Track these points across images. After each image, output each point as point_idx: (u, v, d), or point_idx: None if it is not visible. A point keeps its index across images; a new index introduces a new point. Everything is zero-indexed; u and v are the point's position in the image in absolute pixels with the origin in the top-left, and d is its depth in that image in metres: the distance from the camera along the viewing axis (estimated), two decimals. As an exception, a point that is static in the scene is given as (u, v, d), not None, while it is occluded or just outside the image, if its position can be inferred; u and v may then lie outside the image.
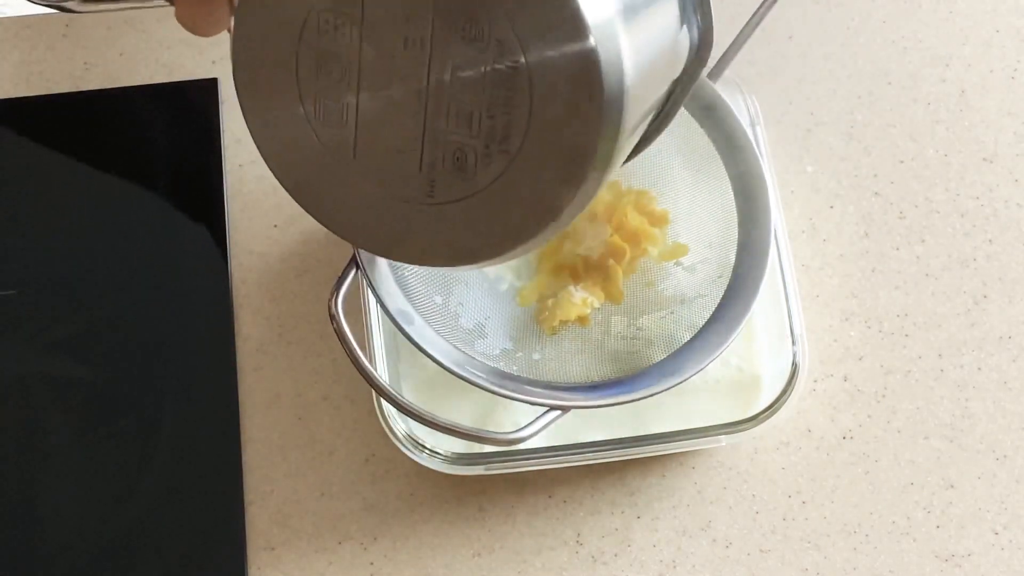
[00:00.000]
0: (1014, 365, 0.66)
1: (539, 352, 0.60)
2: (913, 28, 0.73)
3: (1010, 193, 0.70)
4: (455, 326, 0.59)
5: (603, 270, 0.61)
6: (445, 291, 0.59)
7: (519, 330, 0.61)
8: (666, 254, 0.62)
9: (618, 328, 0.61)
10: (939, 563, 0.63)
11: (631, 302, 0.61)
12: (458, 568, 0.63)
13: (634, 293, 0.61)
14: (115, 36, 0.72)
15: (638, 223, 0.61)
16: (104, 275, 0.68)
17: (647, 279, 0.62)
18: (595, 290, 0.61)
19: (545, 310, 0.61)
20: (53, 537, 0.62)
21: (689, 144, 0.61)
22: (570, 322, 0.60)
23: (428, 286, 0.58)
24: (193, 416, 0.65)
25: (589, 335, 0.60)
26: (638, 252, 0.62)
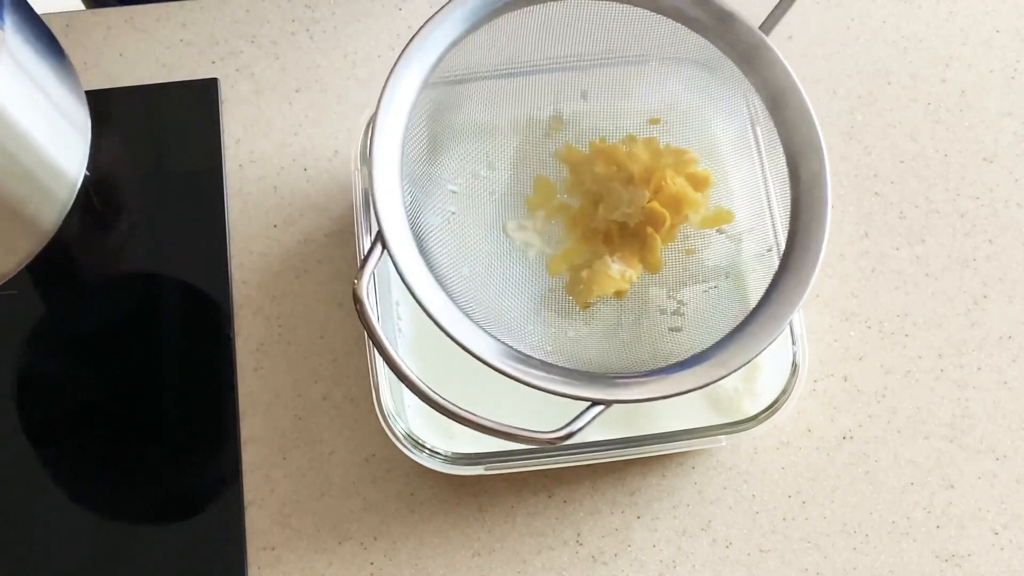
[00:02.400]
0: (1014, 365, 0.66)
1: (573, 329, 0.57)
2: (913, 28, 0.73)
3: (1010, 193, 0.70)
4: (483, 300, 0.56)
5: (640, 238, 0.57)
6: (472, 261, 0.57)
7: (550, 303, 0.58)
8: (708, 220, 0.58)
9: (657, 301, 0.57)
10: (939, 563, 0.63)
11: (669, 271, 0.58)
12: (458, 568, 0.63)
13: (673, 261, 0.58)
14: (115, 36, 0.72)
15: (679, 187, 0.57)
16: (104, 275, 0.68)
17: (686, 245, 0.58)
18: (631, 260, 0.57)
19: (580, 283, 0.57)
20: (53, 537, 0.62)
21: (732, 103, 0.58)
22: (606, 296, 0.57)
23: (455, 259, 0.56)
24: (193, 416, 0.65)
25: (626, 308, 0.57)
26: (679, 219, 0.57)
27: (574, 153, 0.61)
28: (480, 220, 0.60)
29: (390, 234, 0.52)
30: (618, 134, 0.61)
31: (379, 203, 0.53)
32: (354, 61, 0.72)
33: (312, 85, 0.71)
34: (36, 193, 0.56)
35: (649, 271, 0.58)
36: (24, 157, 0.54)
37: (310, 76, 0.72)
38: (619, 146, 0.60)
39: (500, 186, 0.61)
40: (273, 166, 0.70)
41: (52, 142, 0.56)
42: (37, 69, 0.55)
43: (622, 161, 0.59)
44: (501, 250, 0.59)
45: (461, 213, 0.59)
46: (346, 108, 0.71)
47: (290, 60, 0.72)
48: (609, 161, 0.59)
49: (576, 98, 0.62)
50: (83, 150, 0.59)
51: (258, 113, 0.71)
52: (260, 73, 0.72)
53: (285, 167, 0.70)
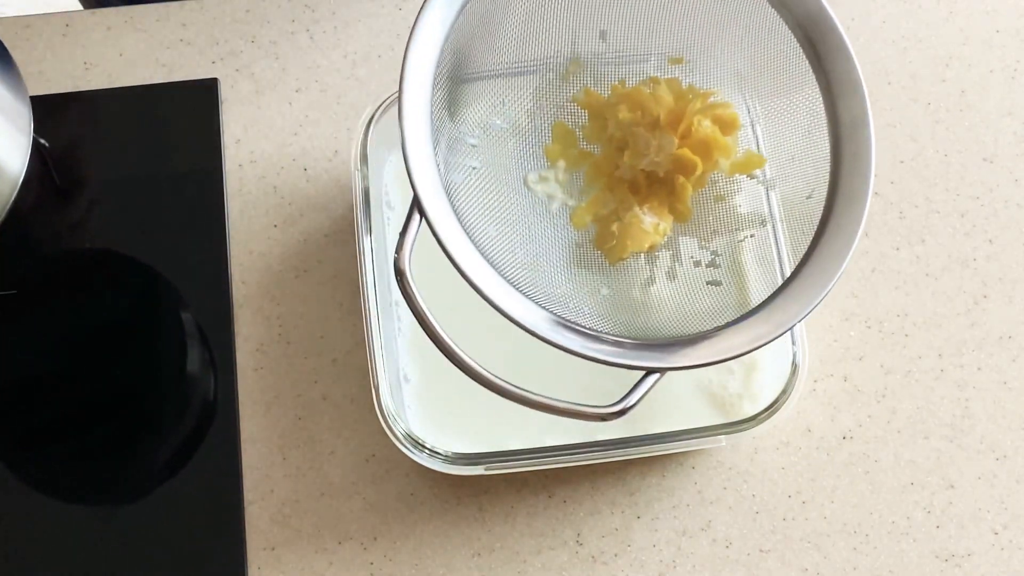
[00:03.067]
0: (1014, 365, 0.66)
1: (606, 286, 0.54)
2: (913, 28, 0.73)
3: (1010, 193, 0.70)
4: (513, 261, 0.53)
5: (668, 186, 0.54)
6: (498, 220, 0.54)
7: (580, 259, 0.55)
8: (739, 165, 0.55)
9: (689, 252, 0.54)
10: (939, 563, 0.63)
11: (700, 220, 0.55)
12: (458, 568, 0.62)
13: (703, 210, 0.55)
14: (115, 36, 0.72)
15: (708, 131, 0.54)
16: (104, 275, 0.68)
17: (716, 192, 0.55)
18: (661, 210, 0.54)
19: (611, 238, 0.54)
20: (51, 537, 0.62)
21: (761, 39, 0.54)
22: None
23: (480, 218, 0.53)
24: (193, 416, 0.65)
25: (657, 262, 0.54)
26: (709, 165, 0.54)
27: (594, 97, 0.57)
28: (501, 174, 0.56)
29: (427, 202, 0.49)
30: (639, 76, 0.58)
31: (413, 169, 0.50)
32: (354, 61, 0.72)
33: (312, 85, 0.71)
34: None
35: (678, 221, 0.55)
36: None
37: (310, 76, 0.72)
38: (642, 88, 0.56)
39: (518, 136, 0.57)
40: (273, 166, 0.70)
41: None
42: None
43: (647, 104, 0.55)
44: (524, 205, 0.55)
45: (482, 168, 0.55)
46: (346, 108, 0.71)
47: (290, 60, 0.72)
48: (633, 105, 0.56)
49: (594, 39, 0.58)
50: (24, 148, 0.60)
51: (258, 113, 0.71)
52: (260, 73, 0.72)
53: (285, 167, 0.70)
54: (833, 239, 0.51)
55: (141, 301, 0.68)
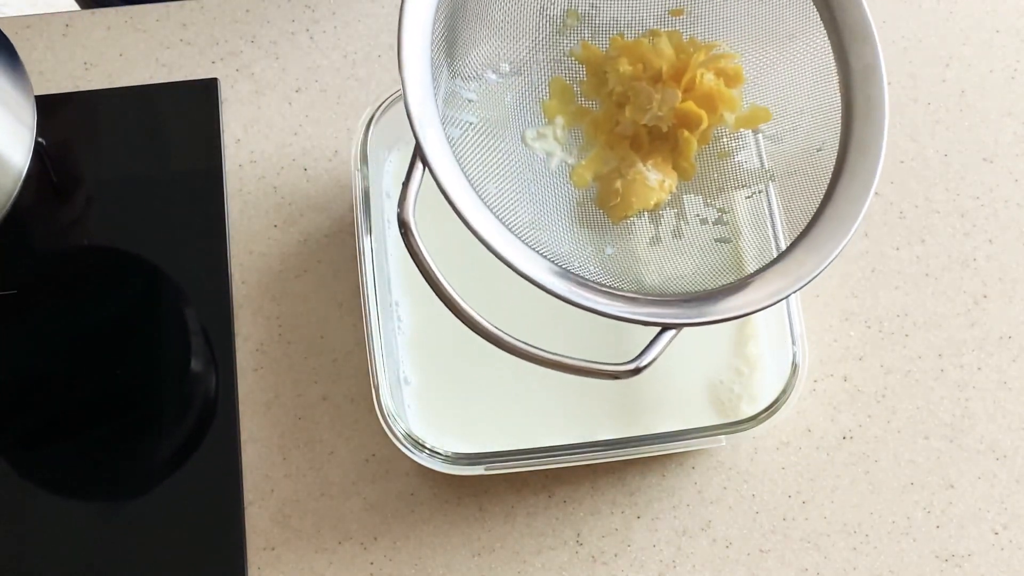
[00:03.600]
0: (1014, 365, 0.66)
1: (611, 245, 0.52)
2: (913, 28, 0.73)
3: (1010, 193, 0.70)
4: (515, 220, 0.51)
5: (671, 142, 0.53)
6: (497, 177, 0.52)
7: (582, 218, 0.53)
8: (744, 120, 0.53)
9: (695, 209, 0.53)
10: (939, 563, 0.63)
11: (704, 177, 0.53)
12: (458, 568, 0.62)
13: (707, 167, 0.53)
14: (115, 36, 0.72)
15: (712, 84, 0.52)
16: (104, 275, 0.68)
17: (720, 149, 0.53)
18: (664, 166, 0.53)
19: (615, 196, 0.52)
20: (53, 538, 0.62)
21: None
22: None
23: (480, 175, 0.51)
24: (193, 416, 0.65)
25: (661, 220, 0.53)
26: (714, 119, 0.53)
27: (591, 51, 0.56)
28: (498, 130, 0.55)
29: (431, 151, 0.47)
30: (639, 29, 0.56)
31: (415, 116, 0.48)
32: (354, 61, 0.72)
33: (312, 85, 0.71)
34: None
35: (683, 178, 0.53)
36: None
37: (310, 76, 0.72)
38: (643, 41, 0.55)
39: (514, 92, 0.56)
40: (273, 166, 0.70)
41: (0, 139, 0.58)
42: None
43: (648, 58, 0.54)
44: (523, 162, 0.54)
45: (479, 124, 0.54)
46: (346, 108, 0.71)
47: (290, 60, 0.72)
48: (634, 58, 0.54)
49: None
50: (28, 143, 0.60)
51: (258, 113, 0.71)
52: (260, 73, 0.72)
53: (285, 167, 0.70)
54: (848, 189, 0.49)
55: (141, 301, 0.68)
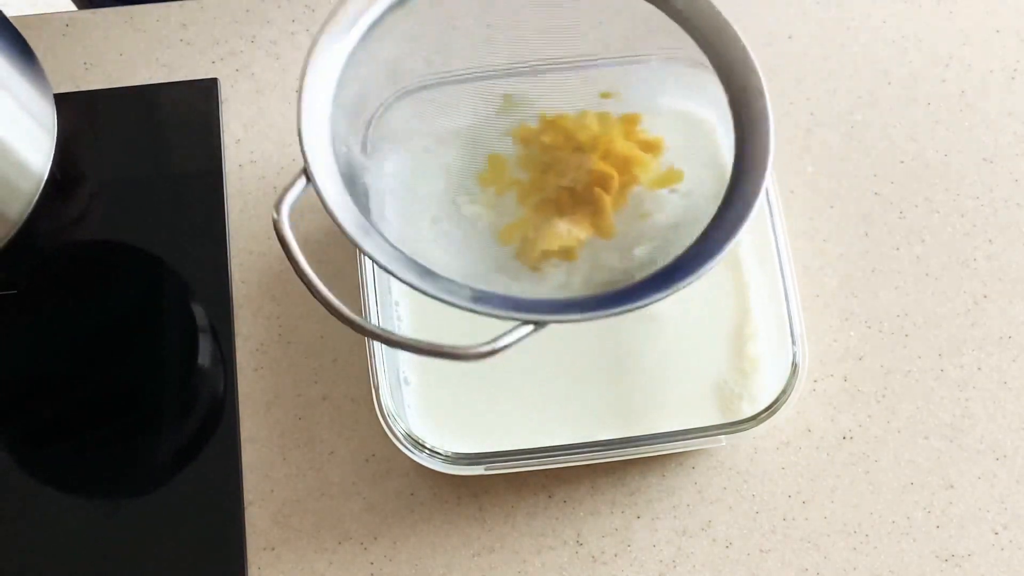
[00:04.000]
0: (1014, 365, 0.66)
1: (518, 286, 0.56)
2: (913, 28, 0.73)
3: (1010, 193, 0.70)
4: (431, 258, 0.55)
5: (591, 203, 0.57)
6: (417, 224, 0.57)
7: (498, 268, 0.57)
8: (659, 181, 0.58)
9: (609, 262, 0.57)
10: (939, 563, 0.63)
11: (625, 237, 0.57)
12: (458, 568, 0.63)
13: (628, 226, 0.57)
14: (115, 36, 0.72)
15: (626, 149, 0.57)
16: (104, 275, 0.68)
17: (640, 210, 0.58)
18: (583, 224, 0.57)
19: (527, 243, 0.57)
20: (53, 537, 0.62)
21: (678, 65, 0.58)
22: (554, 256, 0.56)
23: (403, 218, 0.56)
24: (193, 416, 0.65)
25: (576, 268, 0.57)
26: (628, 179, 0.57)
27: (526, 130, 0.60)
28: (429, 192, 0.59)
29: (316, 167, 0.52)
30: (571, 110, 0.60)
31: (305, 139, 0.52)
32: (354, 61, 0.72)
33: (312, 85, 0.71)
34: (2, 188, 0.57)
35: (602, 237, 0.57)
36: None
37: (310, 76, 0.72)
38: (569, 116, 0.60)
39: (451, 161, 0.60)
40: (273, 166, 0.70)
41: (19, 141, 0.58)
42: (5, 73, 0.56)
43: (571, 130, 0.59)
44: (451, 217, 0.58)
45: (413, 183, 0.58)
46: (346, 108, 0.71)
47: (290, 60, 0.72)
48: (557, 131, 0.59)
49: (527, 75, 0.61)
50: (49, 146, 0.60)
51: (258, 113, 0.71)
52: (260, 73, 0.72)
53: (285, 167, 0.70)
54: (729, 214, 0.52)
55: (140, 301, 0.68)
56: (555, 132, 0.59)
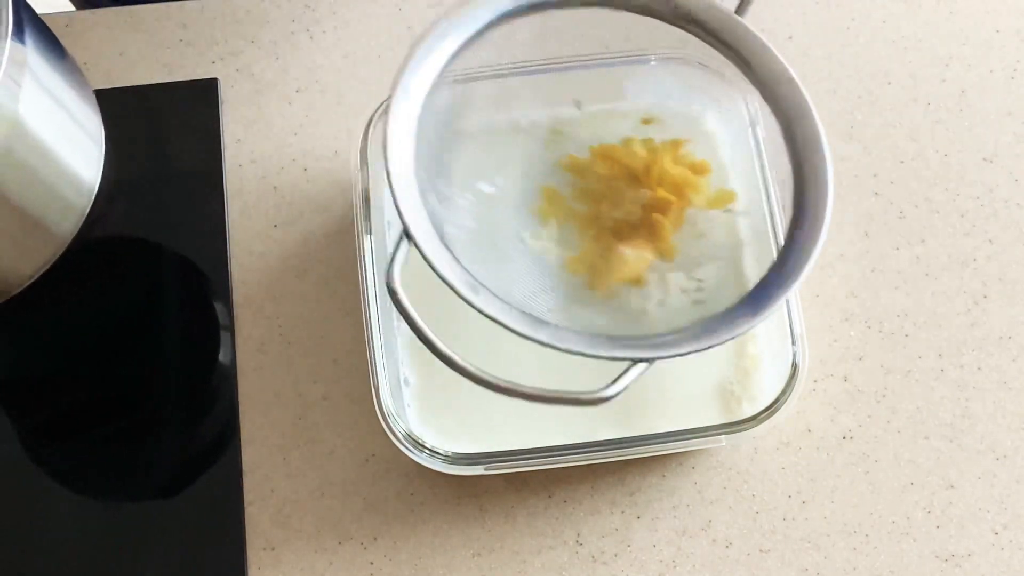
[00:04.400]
0: (1014, 365, 0.66)
1: (601, 318, 0.58)
2: (913, 28, 0.73)
3: (1010, 193, 0.70)
4: (509, 297, 0.57)
5: (648, 227, 0.60)
6: (495, 265, 0.58)
7: (575, 298, 0.59)
8: (713, 201, 0.61)
9: (678, 283, 0.60)
10: (939, 563, 0.63)
11: (686, 256, 0.60)
12: (458, 568, 0.63)
13: (687, 246, 0.60)
14: (115, 36, 0.72)
15: (679, 172, 0.60)
16: (104, 275, 0.68)
17: (697, 230, 0.60)
18: (643, 247, 0.60)
19: (597, 275, 0.59)
20: (53, 537, 0.62)
21: (720, 90, 0.61)
22: (625, 283, 0.59)
23: (476, 262, 0.57)
24: (193, 416, 0.65)
25: (649, 295, 0.59)
26: (683, 202, 0.60)
27: (576, 161, 0.63)
28: (495, 231, 0.61)
29: (413, 225, 0.53)
30: (614, 138, 0.63)
31: (399, 197, 0.54)
32: (354, 61, 0.72)
33: (312, 85, 0.71)
34: (55, 203, 0.57)
35: (665, 259, 0.60)
36: (45, 171, 0.55)
37: (310, 76, 0.72)
38: (617, 147, 0.62)
39: (508, 199, 0.62)
40: (273, 166, 0.70)
41: (70, 154, 0.57)
42: (54, 83, 0.56)
43: (622, 159, 0.62)
44: (521, 255, 0.60)
45: (477, 225, 0.60)
46: (346, 108, 0.71)
47: (290, 60, 0.72)
48: (610, 161, 0.62)
49: (570, 107, 0.65)
50: (98, 158, 0.59)
51: (258, 113, 0.71)
52: (260, 73, 0.72)
53: (285, 167, 0.70)
54: (801, 241, 0.55)
55: (140, 302, 0.68)
56: (606, 162, 0.62)
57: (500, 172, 0.62)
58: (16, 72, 0.51)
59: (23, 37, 0.51)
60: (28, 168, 0.54)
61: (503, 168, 0.63)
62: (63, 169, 0.56)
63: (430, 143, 0.58)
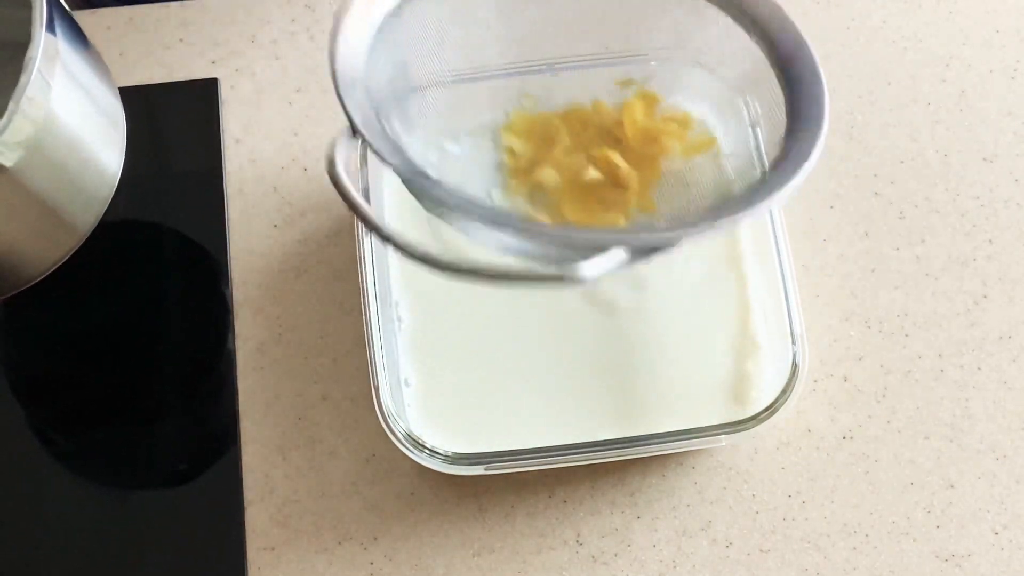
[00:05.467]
0: (1014, 365, 0.66)
1: None
2: (913, 28, 0.73)
3: (1010, 193, 0.70)
4: None
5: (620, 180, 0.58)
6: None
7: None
8: (691, 148, 0.60)
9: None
10: (939, 563, 0.63)
11: (669, 207, 0.58)
12: (458, 568, 0.63)
13: (672, 196, 0.58)
14: (115, 36, 0.72)
15: (650, 123, 0.59)
16: (104, 275, 0.68)
17: (684, 180, 0.59)
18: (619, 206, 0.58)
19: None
20: (54, 537, 0.62)
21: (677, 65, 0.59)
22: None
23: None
24: (193, 416, 0.65)
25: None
26: (656, 150, 0.58)
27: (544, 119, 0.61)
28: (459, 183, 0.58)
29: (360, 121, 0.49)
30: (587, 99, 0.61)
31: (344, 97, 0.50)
32: (354, 61, 0.72)
33: (312, 85, 0.71)
34: (79, 194, 0.57)
35: (645, 212, 0.58)
36: (72, 162, 0.55)
37: (310, 76, 0.72)
38: (586, 107, 0.60)
39: (475, 157, 0.61)
40: (273, 166, 0.70)
41: (97, 143, 0.57)
42: (83, 73, 0.56)
43: (590, 117, 0.60)
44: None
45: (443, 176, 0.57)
46: (346, 108, 0.71)
47: (290, 60, 0.72)
48: (578, 120, 0.60)
49: (545, 72, 0.62)
50: (120, 147, 0.59)
51: (258, 113, 0.71)
52: (260, 73, 0.72)
53: (285, 167, 0.70)
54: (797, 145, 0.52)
55: (140, 302, 0.68)
56: (575, 121, 0.60)
57: (465, 127, 0.60)
58: (48, 65, 0.51)
59: (53, 27, 0.51)
60: (57, 161, 0.54)
61: (468, 123, 0.61)
62: (89, 160, 0.56)
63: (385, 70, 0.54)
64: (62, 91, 0.52)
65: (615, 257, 0.46)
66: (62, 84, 0.52)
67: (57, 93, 0.52)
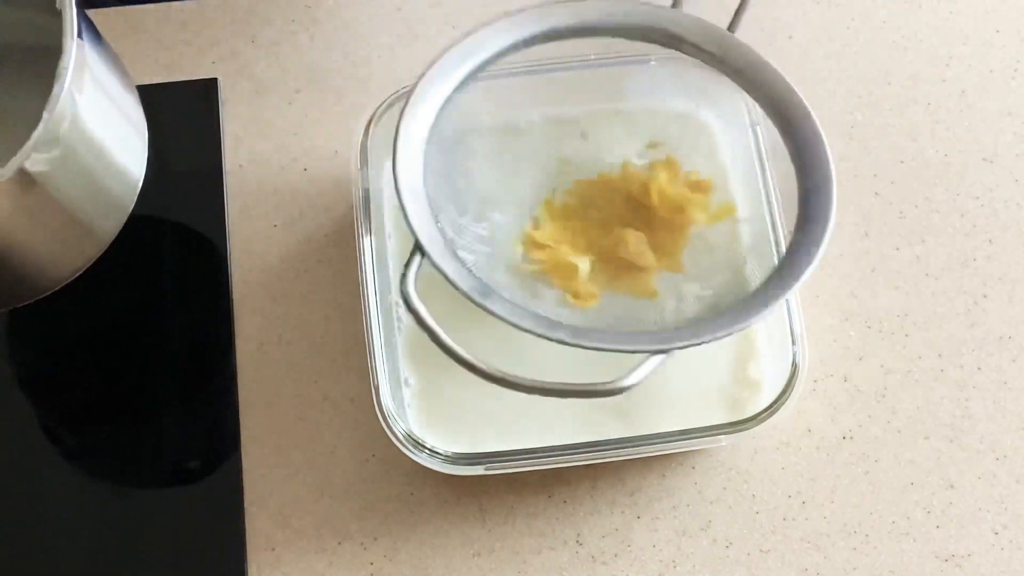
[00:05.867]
0: (1014, 365, 0.66)
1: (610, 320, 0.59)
2: (913, 28, 0.73)
3: (1010, 193, 0.70)
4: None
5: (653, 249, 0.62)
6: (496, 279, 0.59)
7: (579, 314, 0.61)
8: (714, 216, 0.62)
9: (692, 292, 0.61)
10: (939, 563, 0.63)
11: (697, 270, 0.61)
12: (458, 568, 0.63)
13: (698, 261, 0.62)
14: (115, 36, 0.72)
15: (679, 193, 0.62)
16: (104, 275, 0.68)
17: (707, 244, 0.62)
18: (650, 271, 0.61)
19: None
20: (54, 537, 0.62)
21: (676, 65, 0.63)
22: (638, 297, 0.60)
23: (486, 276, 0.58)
24: (193, 416, 0.65)
25: (662, 305, 0.60)
26: (684, 220, 0.62)
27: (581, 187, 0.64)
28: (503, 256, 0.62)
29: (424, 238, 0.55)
30: (617, 164, 0.65)
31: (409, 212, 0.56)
32: (354, 61, 0.72)
33: (312, 85, 0.71)
34: (104, 200, 0.56)
35: (671, 270, 0.62)
36: (98, 170, 0.55)
37: (310, 76, 0.72)
38: (615, 176, 0.64)
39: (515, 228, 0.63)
40: (273, 166, 0.70)
41: (121, 151, 0.57)
42: (107, 79, 0.55)
43: (620, 185, 0.63)
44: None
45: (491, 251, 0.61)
46: (346, 108, 0.71)
47: (290, 60, 0.72)
48: (609, 189, 0.63)
49: (575, 137, 0.66)
50: (143, 153, 0.59)
51: (258, 113, 0.71)
52: (260, 73, 0.72)
53: (285, 167, 0.70)
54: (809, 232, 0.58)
55: (140, 302, 0.68)
56: (606, 190, 0.63)
57: (507, 200, 0.63)
58: (78, 73, 0.50)
59: (82, 35, 0.51)
60: (83, 169, 0.54)
61: (510, 195, 0.63)
62: (113, 167, 0.56)
63: (437, 165, 0.59)
64: (90, 99, 0.52)
65: (654, 362, 0.54)
66: (90, 91, 0.52)
67: (85, 101, 0.51)
